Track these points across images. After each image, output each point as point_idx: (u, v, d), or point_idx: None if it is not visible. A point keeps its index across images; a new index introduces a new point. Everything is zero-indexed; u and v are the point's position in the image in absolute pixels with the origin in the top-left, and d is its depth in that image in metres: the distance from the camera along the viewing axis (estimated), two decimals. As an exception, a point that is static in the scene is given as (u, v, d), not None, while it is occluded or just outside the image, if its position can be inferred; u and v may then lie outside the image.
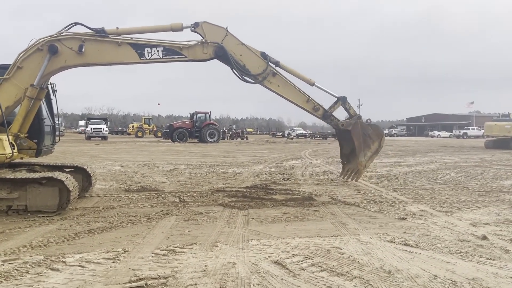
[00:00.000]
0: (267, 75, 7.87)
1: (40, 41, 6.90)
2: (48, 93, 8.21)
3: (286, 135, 65.61)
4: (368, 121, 8.29)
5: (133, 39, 7.34)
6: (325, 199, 8.32)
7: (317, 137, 60.09)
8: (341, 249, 4.88)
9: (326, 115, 8.16)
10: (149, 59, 7.40)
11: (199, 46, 7.60)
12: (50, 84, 8.21)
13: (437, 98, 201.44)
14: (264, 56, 7.88)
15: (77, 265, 4.16)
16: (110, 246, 4.88)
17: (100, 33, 7.14)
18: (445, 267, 4.30)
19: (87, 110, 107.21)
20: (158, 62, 7.54)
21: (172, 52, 7.51)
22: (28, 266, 4.12)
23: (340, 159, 8.83)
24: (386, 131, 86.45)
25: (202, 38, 7.62)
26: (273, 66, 7.98)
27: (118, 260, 4.36)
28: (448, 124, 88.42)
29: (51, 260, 4.30)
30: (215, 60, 7.90)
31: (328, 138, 56.54)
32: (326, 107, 8.21)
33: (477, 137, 63.40)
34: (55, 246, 4.89)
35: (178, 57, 7.55)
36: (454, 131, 73.68)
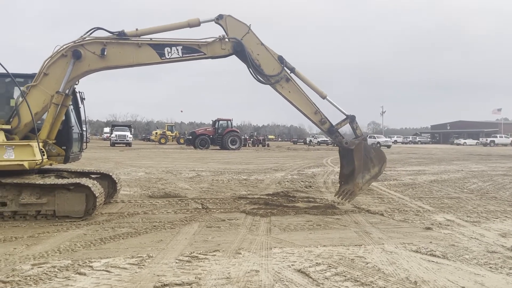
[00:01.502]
0: (280, 79, 7.88)
1: (64, 47, 7.09)
2: (76, 101, 8.44)
3: (307, 142, 65.28)
4: (373, 145, 8.18)
5: (153, 39, 7.42)
6: (348, 208, 8.24)
7: (339, 144, 59.51)
8: (365, 258, 4.82)
9: (332, 130, 8.14)
10: (170, 58, 7.48)
11: (217, 42, 7.64)
12: (79, 92, 8.44)
13: (463, 104, 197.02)
14: (281, 60, 7.90)
15: (103, 270, 4.24)
16: (135, 252, 4.95)
17: (121, 35, 7.28)
18: (474, 279, 4.19)
19: (111, 117, 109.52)
20: (178, 61, 7.62)
21: (191, 50, 7.57)
22: (56, 270, 4.22)
23: (338, 179, 8.78)
24: (410, 139, 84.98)
25: (223, 33, 7.66)
26: (288, 71, 8.00)
27: (143, 265, 4.42)
28: (475, 131, 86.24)
29: (78, 265, 4.40)
30: (235, 63, 7.98)
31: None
32: (334, 122, 8.17)
33: (505, 145, 61.66)
34: (82, 251, 5.00)
35: (198, 55, 7.61)
36: (480, 139, 71.74)
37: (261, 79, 7.86)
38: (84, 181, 6.85)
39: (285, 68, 7.92)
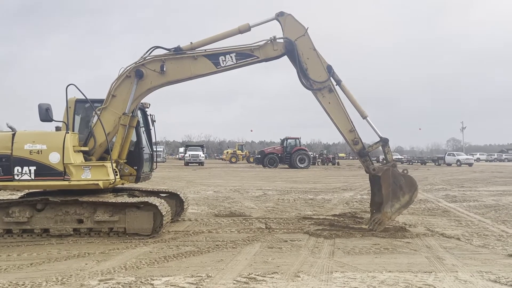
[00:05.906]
0: (323, 88, 7.77)
1: (127, 68, 7.62)
2: (147, 123, 8.94)
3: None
4: (405, 171, 7.69)
5: (207, 50, 7.73)
6: (420, 230, 7.72)
7: (414, 162, 56.64)
8: (435, 287, 4.43)
9: (363, 153, 7.81)
10: (225, 66, 7.72)
11: (269, 44, 7.75)
12: (150, 115, 8.95)
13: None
14: (329, 69, 7.80)
15: (163, 288, 4.34)
16: (195, 271, 5.02)
17: (177, 51, 7.68)
18: None
19: (187, 137, 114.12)
20: (233, 68, 7.83)
21: (244, 56, 7.75)
22: (120, 286, 4.39)
23: (369, 207, 8.38)
24: (495, 156, 78.35)
25: (273, 35, 7.71)
26: (334, 83, 7.85)
27: (201, 285, 4.46)
28: None
29: (141, 282, 4.54)
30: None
31: (427, 164, 52.94)
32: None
33: None
34: (146, 268, 5.17)
35: (251, 59, 7.78)
36: None
37: (305, 83, 7.83)
38: (152, 200, 7.15)
39: (331, 78, 7.81)
